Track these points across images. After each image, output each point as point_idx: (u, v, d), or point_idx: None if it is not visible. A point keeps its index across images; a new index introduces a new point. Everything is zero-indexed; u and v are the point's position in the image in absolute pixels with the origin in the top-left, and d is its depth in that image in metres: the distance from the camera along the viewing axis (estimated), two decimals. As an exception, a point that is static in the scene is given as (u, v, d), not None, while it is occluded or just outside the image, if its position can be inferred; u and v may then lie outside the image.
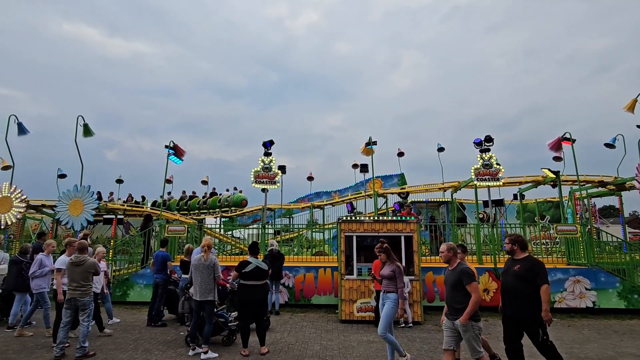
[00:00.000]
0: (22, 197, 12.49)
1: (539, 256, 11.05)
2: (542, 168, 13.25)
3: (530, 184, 14.43)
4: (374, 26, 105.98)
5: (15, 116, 12.92)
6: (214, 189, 20.16)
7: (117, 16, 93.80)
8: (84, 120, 12.94)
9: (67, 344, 5.84)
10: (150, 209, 16.91)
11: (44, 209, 15.89)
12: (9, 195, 12.36)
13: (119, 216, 16.48)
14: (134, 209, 17.26)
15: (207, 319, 5.97)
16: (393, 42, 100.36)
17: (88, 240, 8.49)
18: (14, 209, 12.29)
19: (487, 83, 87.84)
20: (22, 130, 13.05)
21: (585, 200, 14.91)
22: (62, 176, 17.73)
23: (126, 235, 18.25)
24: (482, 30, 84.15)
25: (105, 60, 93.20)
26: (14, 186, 12.55)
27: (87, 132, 13.10)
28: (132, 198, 19.01)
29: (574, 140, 11.73)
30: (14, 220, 12.59)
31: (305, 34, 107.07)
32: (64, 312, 5.84)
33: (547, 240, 14.30)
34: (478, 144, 11.44)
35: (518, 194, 15.95)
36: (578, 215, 14.19)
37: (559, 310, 9.46)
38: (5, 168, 14.95)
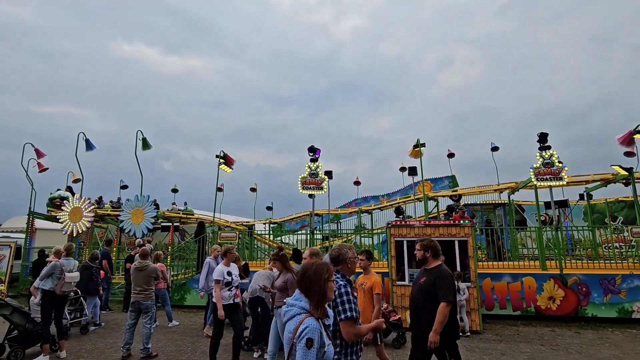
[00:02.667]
0: (91, 207, 13.55)
1: (611, 261, 10.08)
2: (611, 165, 12.12)
3: (598, 183, 13.24)
4: (423, 24, 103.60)
5: (83, 133, 14.12)
6: (155, 200, 20.08)
7: (172, 35, 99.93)
8: (143, 135, 13.84)
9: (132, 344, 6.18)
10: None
11: (109, 218, 17.14)
12: (79, 206, 13.47)
13: (175, 224, 17.37)
14: (188, 217, 18.10)
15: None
16: (444, 39, 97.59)
17: (148, 245, 8.97)
18: (84, 218, 13.37)
19: (551, 75, 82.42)
20: (89, 146, 14.24)
21: (665, 199, 13.40)
22: (125, 187, 19.08)
23: (182, 242, 19.18)
24: (544, 19, 79.38)
25: (162, 77, 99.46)
26: (83, 197, 13.67)
27: (146, 145, 14.00)
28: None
29: (648, 133, 10.64)
30: (84, 229, 13.69)
31: (350, 37, 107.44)
32: (129, 314, 6.20)
33: (620, 244, 13.00)
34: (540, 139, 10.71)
35: (585, 193, 14.71)
36: (657, 216, 12.77)
37: (638, 321, 8.54)
38: (76, 181, 16.37)
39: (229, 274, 5.63)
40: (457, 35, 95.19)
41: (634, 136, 10.97)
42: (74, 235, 13.45)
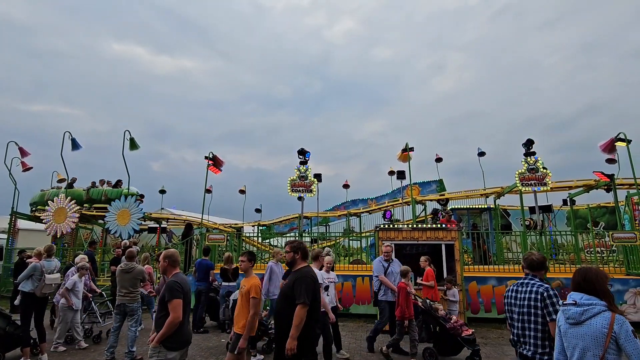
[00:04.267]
0: (76, 208, 13.31)
1: (592, 264, 10.29)
2: (594, 171, 12.42)
3: (581, 189, 13.57)
4: (416, 29, 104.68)
5: (69, 132, 13.86)
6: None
7: (163, 34, 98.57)
8: (130, 135, 13.67)
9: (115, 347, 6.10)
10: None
11: (94, 219, 16.86)
12: (63, 206, 13.22)
13: (162, 225, 17.17)
14: (175, 218, 17.94)
15: None
16: (436, 45, 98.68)
17: (136, 247, 8.87)
18: (68, 219, 13.12)
19: (540, 82, 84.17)
20: (75, 145, 13.96)
21: (645, 205, 13.80)
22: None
23: (169, 243, 18.99)
24: (536, 27, 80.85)
25: (153, 76, 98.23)
26: (69, 198, 13.42)
27: (133, 145, 13.82)
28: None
29: (629, 141, 10.93)
30: (68, 230, 13.43)
31: (344, 41, 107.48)
32: (114, 317, 6.12)
33: (602, 249, 13.32)
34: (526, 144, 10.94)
35: (568, 199, 15.04)
36: (637, 222, 13.13)
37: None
38: (61, 181, 16.07)
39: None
40: (450, 40, 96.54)
41: (615, 144, 11.25)
42: (58, 236, 13.19)
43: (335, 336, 6.13)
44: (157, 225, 16.96)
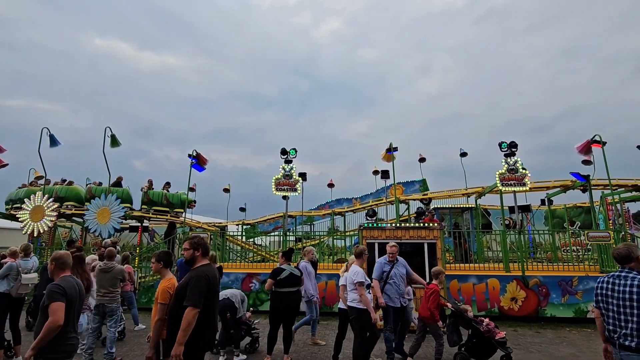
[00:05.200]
0: (54, 206, 12.96)
1: (569, 264, 10.61)
2: (570, 172, 12.79)
3: (558, 189, 13.96)
4: (402, 31, 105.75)
5: (47, 129, 13.47)
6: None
7: (147, 30, 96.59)
8: (111, 131, 13.39)
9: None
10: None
11: (73, 218, 16.45)
12: (41, 204, 12.85)
13: (144, 224, 16.86)
14: (158, 216, 17.62)
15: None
16: (422, 47, 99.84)
17: (117, 247, 8.70)
18: (46, 217, 12.77)
19: (522, 85, 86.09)
20: (53, 142, 13.57)
21: (618, 205, 14.30)
22: (91, 186, 18.30)
23: (151, 242, 18.69)
24: (519, 32, 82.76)
25: (137, 73, 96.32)
26: (46, 196, 13.06)
27: (115, 142, 13.54)
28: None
29: (604, 143, 11.28)
30: (46, 229, 13.06)
31: (330, 41, 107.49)
32: (93, 318, 5.99)
33: (577, 247, 13.75)
34: (505, 147, 11.16)
35: (546, 199, 15.45)
36: (610, 221, 13.59)
37: (592, 321, 9.04)
38: (38, 178, 15.61)
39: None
40: (435, 43, 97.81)
41: (592, 145, 11.59)
42: (35, 235, 12.82)
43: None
44: (139, 224, 16.66)
